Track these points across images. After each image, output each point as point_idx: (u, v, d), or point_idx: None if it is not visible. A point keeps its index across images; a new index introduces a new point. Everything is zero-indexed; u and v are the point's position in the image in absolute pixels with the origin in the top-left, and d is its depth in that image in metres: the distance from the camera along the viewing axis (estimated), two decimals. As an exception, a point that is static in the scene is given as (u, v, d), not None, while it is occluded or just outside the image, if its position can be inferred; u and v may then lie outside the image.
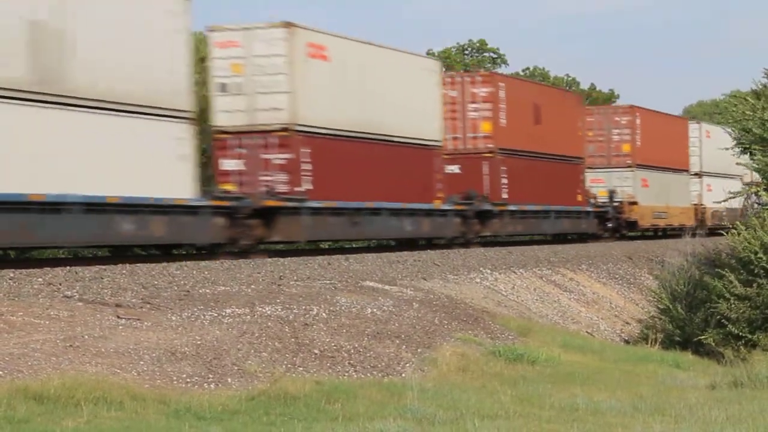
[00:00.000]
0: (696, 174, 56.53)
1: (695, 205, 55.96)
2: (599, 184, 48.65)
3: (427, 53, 79.29)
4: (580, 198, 44.50)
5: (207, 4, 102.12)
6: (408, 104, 33.69)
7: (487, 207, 37.36)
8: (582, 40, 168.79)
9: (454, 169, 37.17)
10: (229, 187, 28.17)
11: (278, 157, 28.77)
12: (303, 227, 28.89)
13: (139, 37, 23.04)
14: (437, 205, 35.06)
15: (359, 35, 36.48)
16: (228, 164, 29.06)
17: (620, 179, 49.05)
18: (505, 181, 38.66)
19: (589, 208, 45.07)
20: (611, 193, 47.43)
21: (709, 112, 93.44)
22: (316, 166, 29.43)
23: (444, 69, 44.04)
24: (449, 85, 38.33)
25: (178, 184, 24.28)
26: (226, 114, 28.93)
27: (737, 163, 31.25)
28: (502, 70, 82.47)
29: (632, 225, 49.29)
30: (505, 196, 38.58)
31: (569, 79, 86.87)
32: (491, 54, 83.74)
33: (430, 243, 35.99)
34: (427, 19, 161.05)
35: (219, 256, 25.65)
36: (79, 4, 21.63)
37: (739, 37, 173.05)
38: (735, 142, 30.07)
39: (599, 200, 46.73)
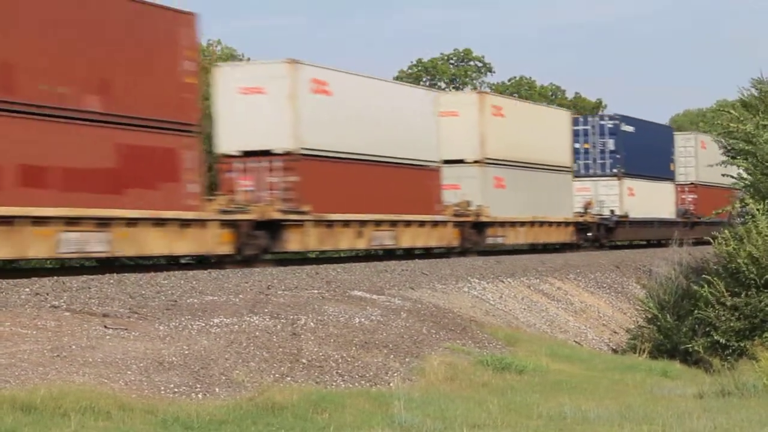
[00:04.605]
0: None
1: None
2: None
3: (417, 62, 79.30)
4: None
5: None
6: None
7: None
8: (568, 49, 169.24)
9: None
10: None
11: None
12: None
13: None
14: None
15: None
16: None
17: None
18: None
19: None
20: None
21: (695, 122, 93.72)
22: None
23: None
24: None
25: None
26: None
27: (723, 174, 31.27)
28: (488, 79, 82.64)
29: None
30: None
31: (554, 87, 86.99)
32: (477, 63, 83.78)
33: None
34: (414, 29, 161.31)
35: None
36: None
37: (727, 47, 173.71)
38: (722, 152, 30.11)
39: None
